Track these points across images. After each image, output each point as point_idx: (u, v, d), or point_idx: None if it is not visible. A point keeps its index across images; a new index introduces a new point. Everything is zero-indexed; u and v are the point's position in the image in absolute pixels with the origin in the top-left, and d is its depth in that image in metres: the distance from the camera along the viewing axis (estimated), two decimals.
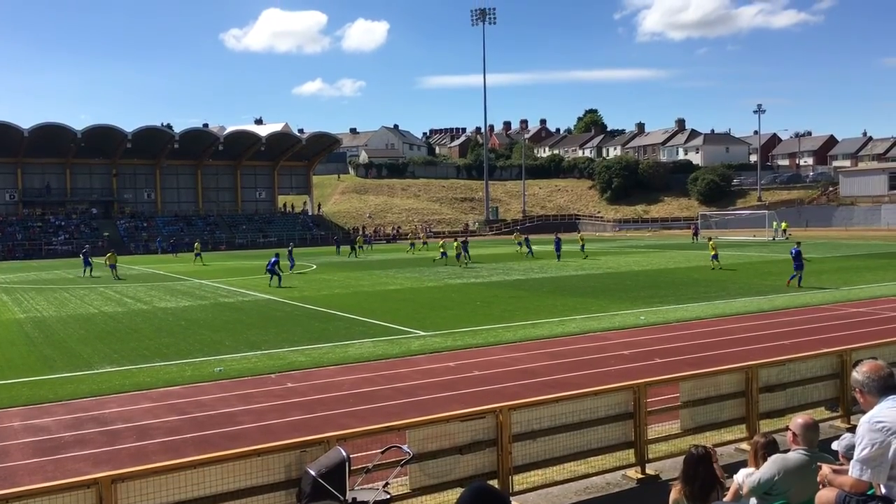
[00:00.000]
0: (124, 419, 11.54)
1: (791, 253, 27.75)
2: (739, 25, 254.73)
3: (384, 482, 6.30)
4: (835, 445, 5.54)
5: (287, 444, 6.64)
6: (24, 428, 11.25)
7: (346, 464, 5.91)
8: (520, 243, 51.62)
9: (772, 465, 5.19)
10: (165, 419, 11.50)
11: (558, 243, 44.17)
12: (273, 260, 32.46)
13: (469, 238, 59.58)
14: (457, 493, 6.58)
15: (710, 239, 42.34)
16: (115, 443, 10.39)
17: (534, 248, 49.42)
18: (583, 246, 48.33)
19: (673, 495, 5.67)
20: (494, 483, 7.29)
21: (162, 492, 5.94)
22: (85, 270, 41.03)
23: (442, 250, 44.32)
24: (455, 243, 43.66)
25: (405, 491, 7.12)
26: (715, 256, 35.87)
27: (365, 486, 6.38)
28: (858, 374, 4.57)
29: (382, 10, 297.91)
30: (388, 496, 6.20)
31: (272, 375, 14.37)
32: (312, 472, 5.94)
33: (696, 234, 64.77)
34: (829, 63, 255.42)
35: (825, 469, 4.94)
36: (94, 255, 46.04)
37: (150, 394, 13.17)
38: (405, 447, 6.73)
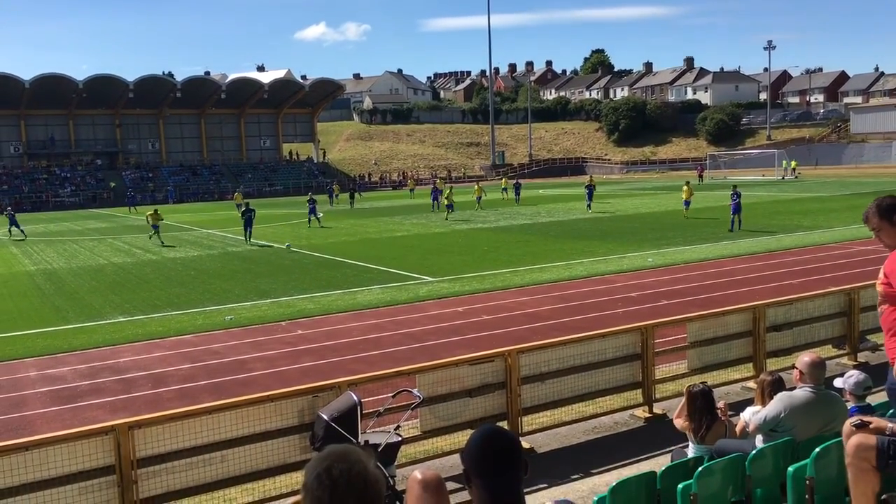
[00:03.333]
0: (139, 368, 11.73)
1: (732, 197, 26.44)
2: None
3: (395, 425, 6.41)
4: (838, 382, 5.54)
5: (299, 390, 6.74)
6: (40, 377, 11.46)
7: (358, 408, 6.01)
8: (505, 189, 50.70)
9: (778, 402, 5.24)
10: (179, 367, 11.68)
11: (590, 191, 39.43)
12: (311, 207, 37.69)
13: (477, 182, 58.34)
14: (467, 434, 6.70)
15: (687, 183, 34.82)
16: (130, 391, 10.58)
17: (541, 191, 48.79)
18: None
19: (679, 424, 5.95)
20: (504, 424, 7.41)
21: (178, 437, 6.08)
22: (10, 230, 36.70)
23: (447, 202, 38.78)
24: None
25: (416, 433, 7.26)
26: (687, 203, 31.71)
27: (377, 430, 6.50)
28: None
29: None
30: (400, 438, 6.32)
31: (282, 323, 14.53)
32: (325, 417, 6.04)
33: (701, 175, 64.11)
34: None
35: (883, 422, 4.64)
36: (99, 207, 45.55)
37: (163, 342, 13.36)
38: (415, 391, 6.83)
